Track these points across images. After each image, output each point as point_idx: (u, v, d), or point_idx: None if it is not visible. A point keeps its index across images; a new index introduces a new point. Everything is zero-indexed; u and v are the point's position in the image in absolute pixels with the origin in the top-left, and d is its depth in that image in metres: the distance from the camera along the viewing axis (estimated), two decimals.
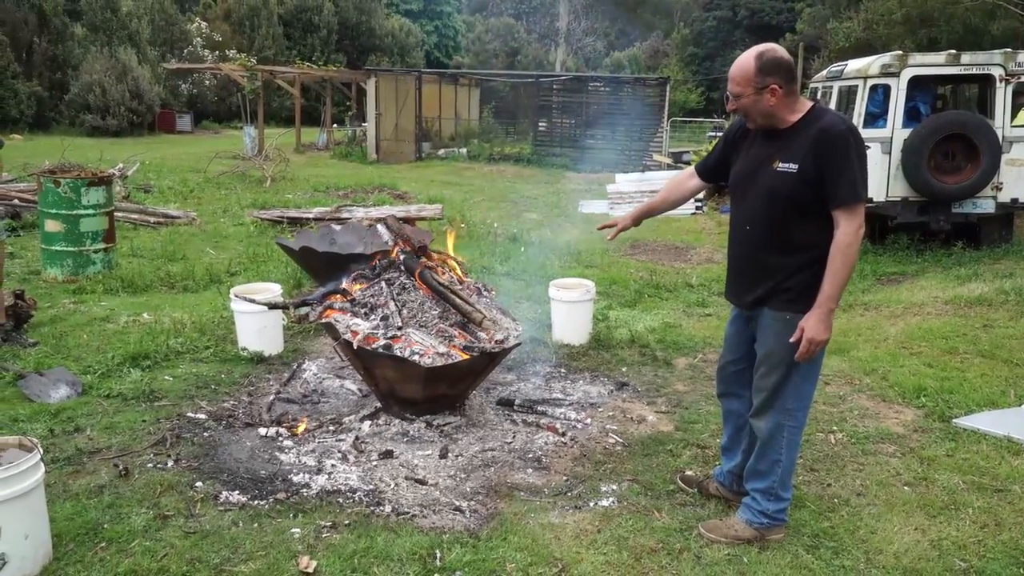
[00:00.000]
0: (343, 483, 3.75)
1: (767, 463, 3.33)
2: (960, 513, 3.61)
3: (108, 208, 7.97)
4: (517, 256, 8.69)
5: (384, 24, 48.37)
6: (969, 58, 8.89)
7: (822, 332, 3.01)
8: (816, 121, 3.06)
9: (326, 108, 28.75)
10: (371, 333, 4.24)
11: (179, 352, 5.54)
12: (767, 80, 3.04)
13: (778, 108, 3.08)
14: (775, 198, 3.10)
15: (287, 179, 16.45)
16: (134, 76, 30.13)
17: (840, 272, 2.99)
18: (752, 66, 3.06)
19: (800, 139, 3.05)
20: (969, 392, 5.05)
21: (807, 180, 3.01)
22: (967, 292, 7.32)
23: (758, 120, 3.15)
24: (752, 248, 3.25)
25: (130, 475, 3.77)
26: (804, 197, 3.04)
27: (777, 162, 3.10)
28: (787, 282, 3.14)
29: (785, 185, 3.06)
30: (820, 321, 3.01)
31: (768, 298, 3.21)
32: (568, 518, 3.51)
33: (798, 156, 3.03)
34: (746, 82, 3.08)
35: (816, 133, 3.01)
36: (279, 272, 7.86)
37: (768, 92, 3.05)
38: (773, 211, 3.12)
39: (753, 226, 3.23)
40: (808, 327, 3.02)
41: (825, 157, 2.97)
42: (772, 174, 3.11)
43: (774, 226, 3.14)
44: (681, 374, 5.49)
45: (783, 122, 3.12)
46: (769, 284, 3.18)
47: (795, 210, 3.08)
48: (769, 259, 3.18)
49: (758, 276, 3.23)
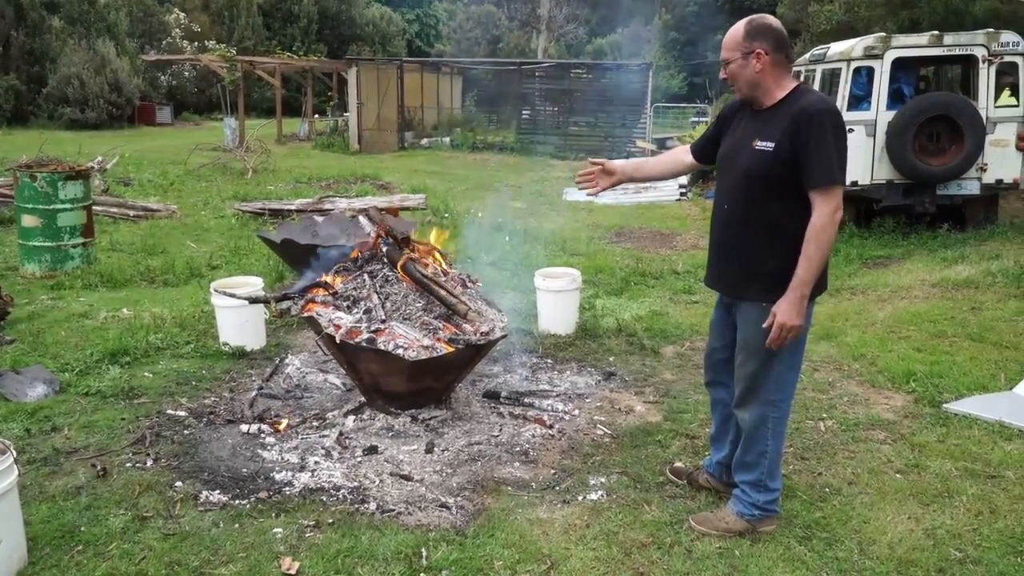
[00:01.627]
0: (327, 480, 3.68)
1: (754, 455, 3.28)
2: (954, 501, 3.58)
3: (86, 202, 7.82)
4: (502, 245, 8.61)
5: (365, 13, 47.92)
6: (952, 39, 8.85)
7: (794, 317, 2.93)
8: (797, 100, 3.00)
9: (307, 98, 28.48)
10: (354, 327, 4.15)
11: (159, 348, 5.43)
12: (753, 44, 2.99)
13: (764, 77, 3.02)
14: (751, 177, 3.05)
15: (269, 170, 16.26)
16: (113, 68, 29.62)
17: (814, 257, 2.91)
18: (741, 30, 3.02)
19: (779, 118, 3.00)
20: (959, 376, 5.02)
21: (782, 159, 2.95)
22: (954, 275, 7.29)
23: (744, 89, 3.09)
24: (729, 228, 3.19)
25: (108, 475, 3.68)
26: (779, 177, 2.97)
27: (756, 140, 3.04)
28: (763, 267, 3.07)
29: (761, 164, 3.01)
30: (792, 306, 2.93)
31: (745, 286, 3.15)
32: (556, 513, 3.45)
33: (775, 135, 2.98)
34: (734, 46, 3.03)
35: (794, 112, 2.95)
36: (261, 265, 7.76)
37: (754, 57, 2.99)
38: (749, 191, 3.07)
39: (731, 205, 3.17)
40: (780, 312, 2.95)
41: (800, 136, 2.91)
42: (750, 152, 3.05)
43: (750, 206, 3.08)
44: (669, 363, 5.44)
45: (769, 97, 3.05)
46: (745, 267, 3.13)
47: (770, 191, 3.01)
48: (745, 240, 3.12)
49: (734, 257, 3.18)
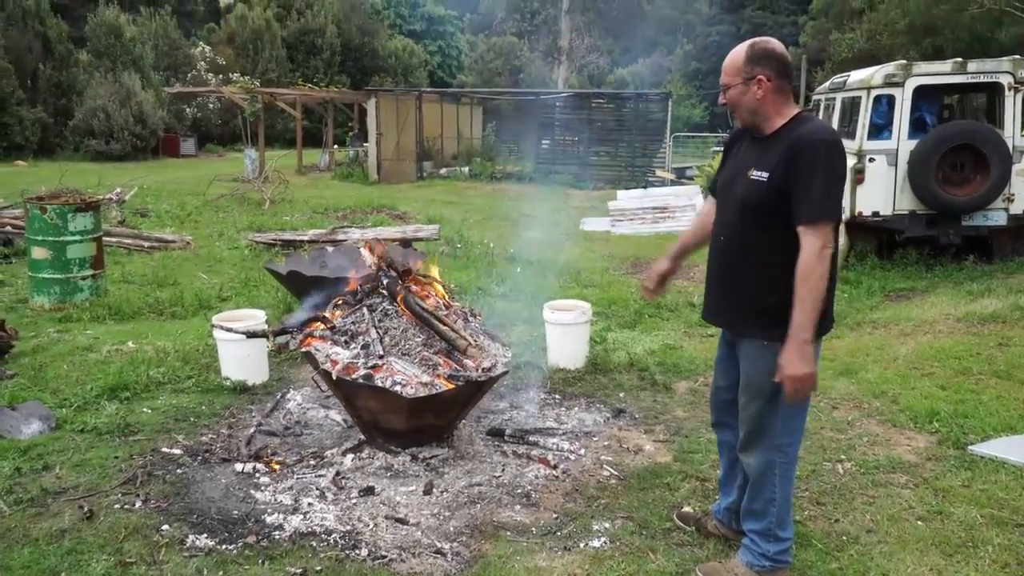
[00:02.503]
0: (319, 524, 3.53)
1: (761, 502, 3.09)
2: (979, 551, 3.37)
3: (96, 234, 7.81)
4: (514, 276, 8.48)
5: (387, 45, 48.45)
6: (976, 66, 8.67)
7: (800, 366, 2.73)
8: (795, 129, 2.86)
9: (327, 129, 28.70)
10: (351, 362, 4.03)
11: (160, 383, 5.34)
12: (755, 70, 2.86)
13: (764, 104, 2.89)
14: (746, 208, 2.91)
15: (286, 201, 16.32)
16: (138, 101, 30.09)
17: (807, 299, 2.71)
18: (742, 55, 2.90)
19: (777, 146, 2.86)
20: (985, 416, 4.79)
21: (775, 189, 2.81)
22: (980, 308, 7.05)
23: (744, 116, 2.96)
24: (725, 260, 3.04)
25: (94, 517, 3.56)
26: (773, 209, 2.83)
27: (752, 170, 2.90)
28: (761, 301, 2.91)
29: (755, 194, 2.87)
30: (795, 355, 2.73)
31: (743, 321, 2.99)
32: (556, 561, 3.28)
33: (770, 164, 2.84)
34: (735, 71, 2.90)
35: (791, 141, 2.81)
36: (270, 297, 7.68)
37: (755, 83, 2.86)
38: (745, 221, 2.93)
39: (727, 237, 3.03)
40: (785, 364, 2.75)
41: (794, 167, 2.76)
42: (747, 183, 2.92)
43: (746, 238, 2.93)
44: (681, 399, 5.26)
45: (769, 124, 2.92)
46: (743, 301, 2.97)
47: (765, 222, 2.87)
48: (742, 273, 2.97)
49: (731, 291, 3.03)
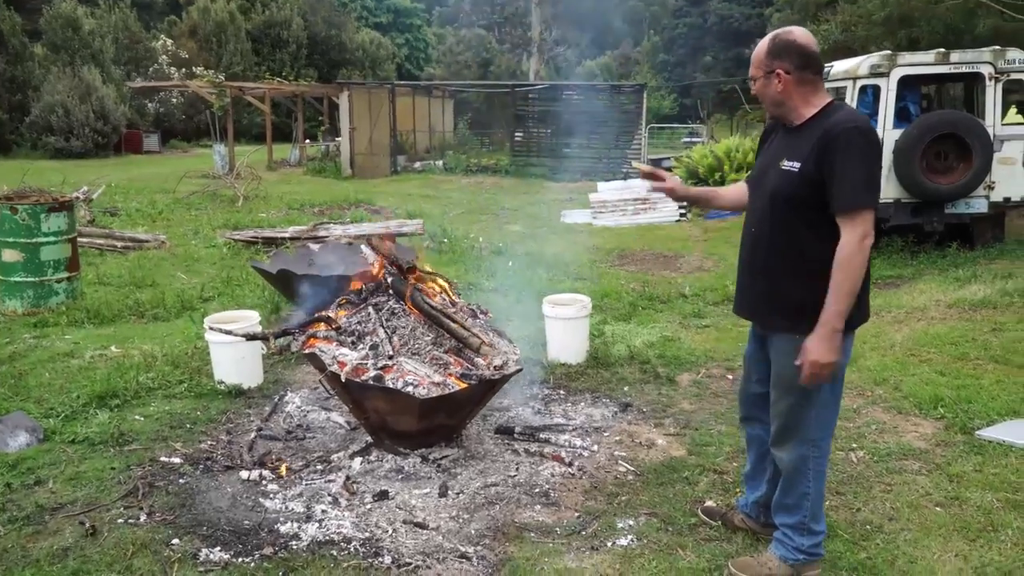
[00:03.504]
0: (336, 532, 3.42)
1: (794, 496, 3.04)
2: (1000, 535, 3.37)
3: (70, 235, 7.57)
4: (504, 271, 8.38)
5: (354, 38, 47.98)
6: (958, 56, 8.73)
7: (825, 354, 2.70)
8: (827, 118, 2.80)
9: (298, 124, 28.33)
10: (360, 363, 3.92)
11: (150, 388, 5.15)
12: (774, 63, 2.81)
13: (787, 97, 2.84)
14: (777, 199, 2.86)
15: (260, 197, 16.03)
16: (99, 96, 29.32)
17: (843, 286, 2.68)
18: (764, 48, 2.85)
19: (808, 136, 2.80)
20: (988, 401, 4.81)
21: (808, 181, 2.75)
22: (969, 295, 7.10)
23: (770, 108, 2.93)
24: (756, 253, 2.99)
25: (98, 534, 3.41)
26: (805, 199, 2.77)
27: (784, 160, 2.85)
28: (792, 295, 2.86)
29: (787, 185, 2.81)
30: (823, 341, 2.70)
31: (774, 315, 2.94)
32: (586, 561, 3.21)
33: (802, 154, 2.78)
34: (758, 63, 2.87)
35: (823, 130, 2.74)
36: (255, 296, 7.50)
37: (775, 77, 2.81)
38: (775, 213, 2.87)
39: (758, 229, 2.97)
40: (810, 349, 2.72)
41: (827, 156, 2.70)
42: (778, 172, 2.86)
43: (777, 230, 2.88)
44: (686, 391, 5.22)
45: (797, 116, 2.86)
46: (773, 295, 2.92)
47: (796, 213, 2.82)
48: (772, 266, 2.91)
49: (762, 284, 2.97)
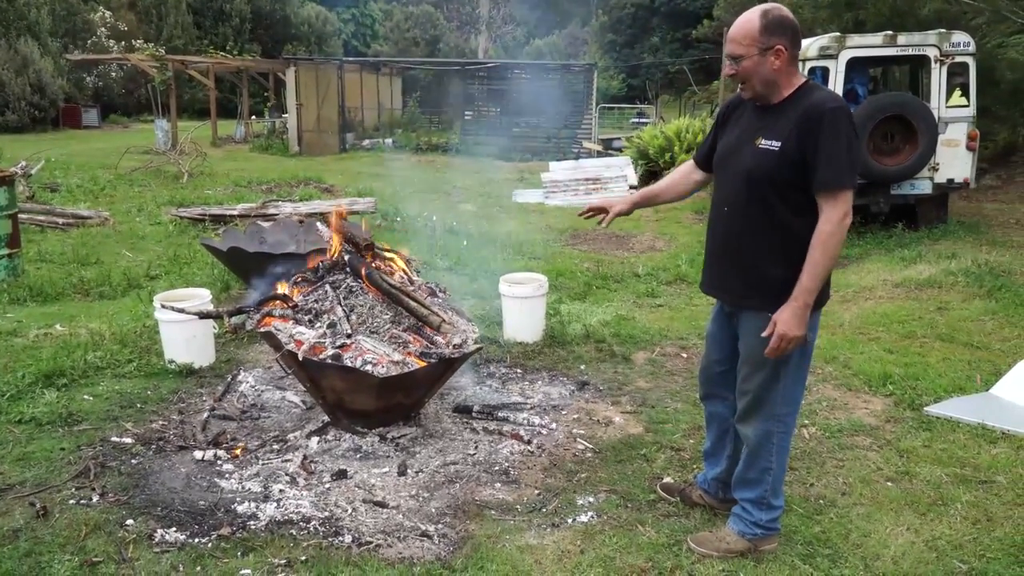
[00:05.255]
0: (295, 511, 3.38)
1: (757, 471, 3.10)
2: (949, 509, 3.48)
3: (11, 210, 7.31)
4: (459, 250, 8.34)
5: (299, 12, 46.95)
6: (905, 39, 8.89)
7: (795, 327, 2.76)
8: (805, 97, 2.82)
9: (243, 99, 27.70)
10: (318, 342, 3.86)
11: (99, 367, 5.02)
12: (772, 40, 2.79)
13: (780, 75, 2.83)
14: (754, 178, 2.86)
15: (205, 174, 15.67)
16: (35, 69, 28.34)
17: (820, 263, 2.74)
18: (756, 24, 2.79)
19: (787, 115, 2.81)
20: (935, 378, 4.96)
21: (789, 160, 2.77)
22: (915, 275, 7.29)
23: (757, 88, 2.88)
24: (729, 232, 3.00)
25: (49, 515, 3.32)
26: (785, 178, 2.80)
27: (760, 139, 2.85)
28: (768, 273, 2.88)
29: (765, 164, 2.82)
30: (793, 315, 2.76)
31: (748, 294, 2.96)
32: (547, 538, 3.23)
33: (782, 133, 2.80)
34: (750, 41, 2.80)
35: (803, 110, 2.77)
36: (204, 275, 7.34)
37: (773, 54, 2.79)
38: (752, 192, 2.88)
39: (731, 208, 2.98)
40: (780, 321, 2.78)
41: (810, 136, 2.73)
42: (754, 151, 2.87)
43: (753, 209, 2.89)
44: (641, 369, 5.27)
45: (778, 95, 2.87)
46: (748, 273, 2.94)
47: (775, 193, 2.83)
48: (748, 245, 2.93)
49: (736, 263, 2.99)
